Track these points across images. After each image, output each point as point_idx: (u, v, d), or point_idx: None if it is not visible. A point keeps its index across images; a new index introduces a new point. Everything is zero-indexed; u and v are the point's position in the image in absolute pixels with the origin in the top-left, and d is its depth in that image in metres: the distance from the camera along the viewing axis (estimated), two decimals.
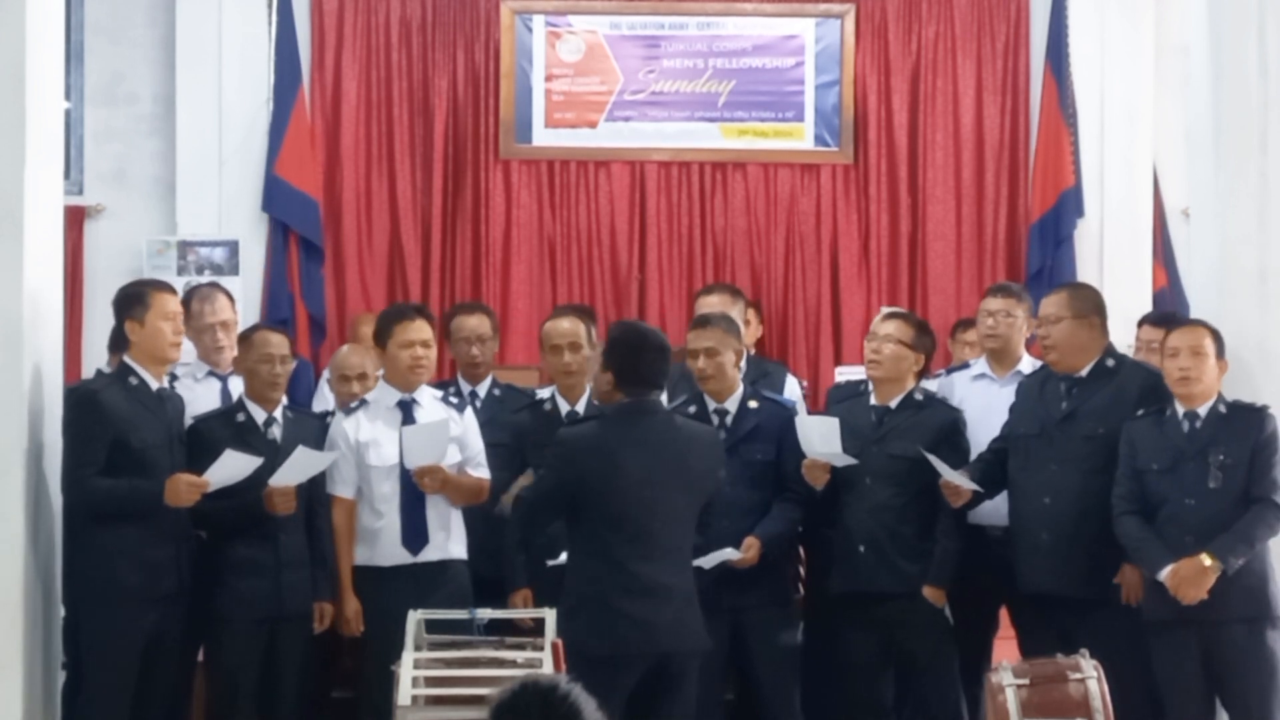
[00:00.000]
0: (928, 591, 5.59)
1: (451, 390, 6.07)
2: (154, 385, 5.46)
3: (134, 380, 5.42)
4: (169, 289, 5.60)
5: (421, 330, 5.75)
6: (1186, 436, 5.28)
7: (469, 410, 5.85)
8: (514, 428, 5.88)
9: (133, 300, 5.49)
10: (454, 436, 5.68)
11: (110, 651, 5.32)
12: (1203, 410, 5.29)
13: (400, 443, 5.61)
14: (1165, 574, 5.18)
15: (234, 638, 5.53)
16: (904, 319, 5.87)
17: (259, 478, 5.45)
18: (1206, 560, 5.12)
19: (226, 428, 5.61)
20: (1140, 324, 6.55)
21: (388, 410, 5.72)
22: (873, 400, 5.78)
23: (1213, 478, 5.20)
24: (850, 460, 5.58)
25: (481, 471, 5.76)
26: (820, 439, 5.56)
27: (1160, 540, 5.23)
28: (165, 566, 5.39)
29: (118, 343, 5.59)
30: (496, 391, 6.28)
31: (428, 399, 5.79)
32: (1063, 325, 5.60)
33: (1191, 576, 5.13)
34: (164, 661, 5.44)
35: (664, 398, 5.36)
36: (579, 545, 5.08)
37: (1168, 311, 7.61)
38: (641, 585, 4.94)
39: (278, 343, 5.72)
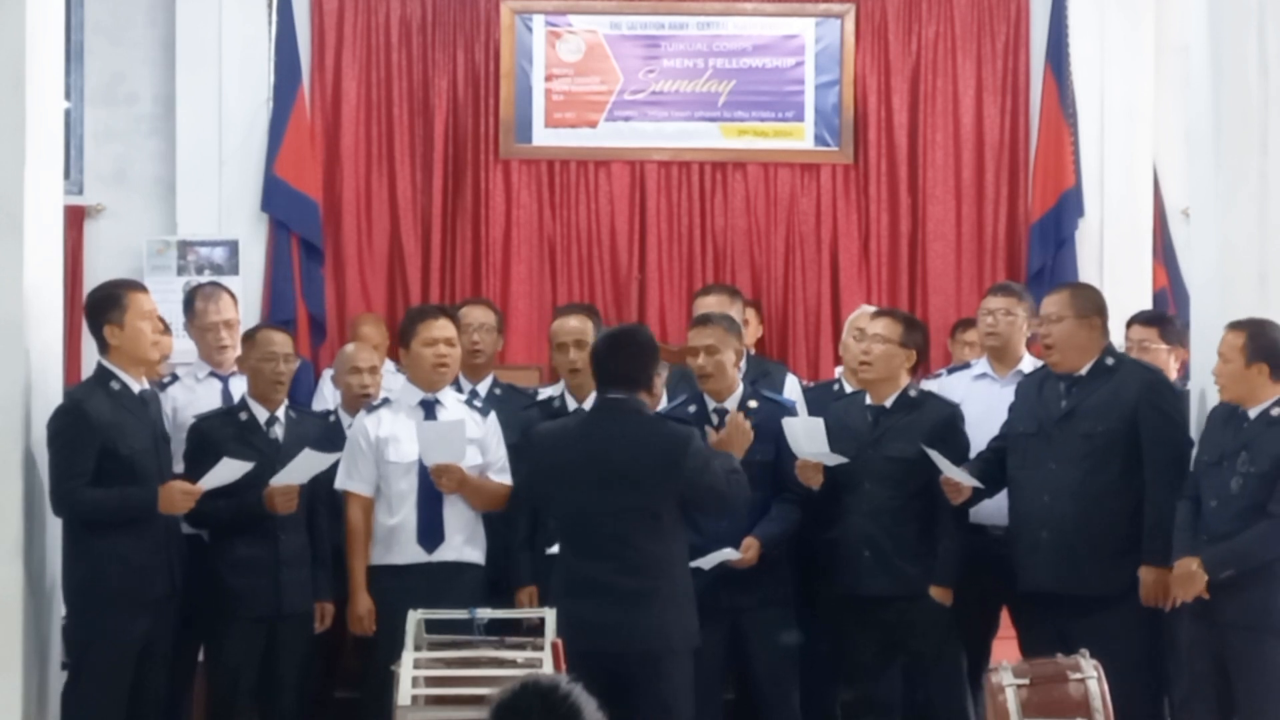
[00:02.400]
0: (935, 592, 5.59)
1: (453, 388, 6.06)
2: (136, 388, 5.41)
3: (115, 385, 5.35)
4: (142, 288, 5.52)
5: (445, 328, 5.75)
6: (1234, 436, 5.24)
7: (493, 415, 5.82)
8: (522, 424, 5.84)
9: (108, 304, 5.39)
10: (475, 439, 5.68)
11: (103, 657, 5.29)
12: (1253, 413, 5.23)
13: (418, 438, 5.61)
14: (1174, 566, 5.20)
15: (233, 636, 5.54)
16: (891, 316, 5.85)
17: (260, 477, 5.45)
18: (1194, 565, 5.12)
19: (229, 427, 5.61)
20: (1130, 324, 6.55)
21: (410, 409, 5.72)
22: (867, 400, 5.78)
23: (1235, 482, 5.18)
24: (840, 459, 5.57)
25: (504, 477, 5.74)
26: (806, 439, 5.56)
27: (1192, 533, 5.22)
28: (156, 570, 5.37)
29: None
30: (497, 391, 6.28)
31: (451, 400, 5.79)
32: (1064, 324, 5.59)
33: (1180, 577, 5.15)
34: (158, 664, 5.42)
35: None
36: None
37: (1158, 311, 7.61)
38: (584, 584, 5.00)
39: (281, 341, 5.73)
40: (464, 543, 5.63)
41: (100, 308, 5.41)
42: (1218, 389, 5.31)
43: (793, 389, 6.55)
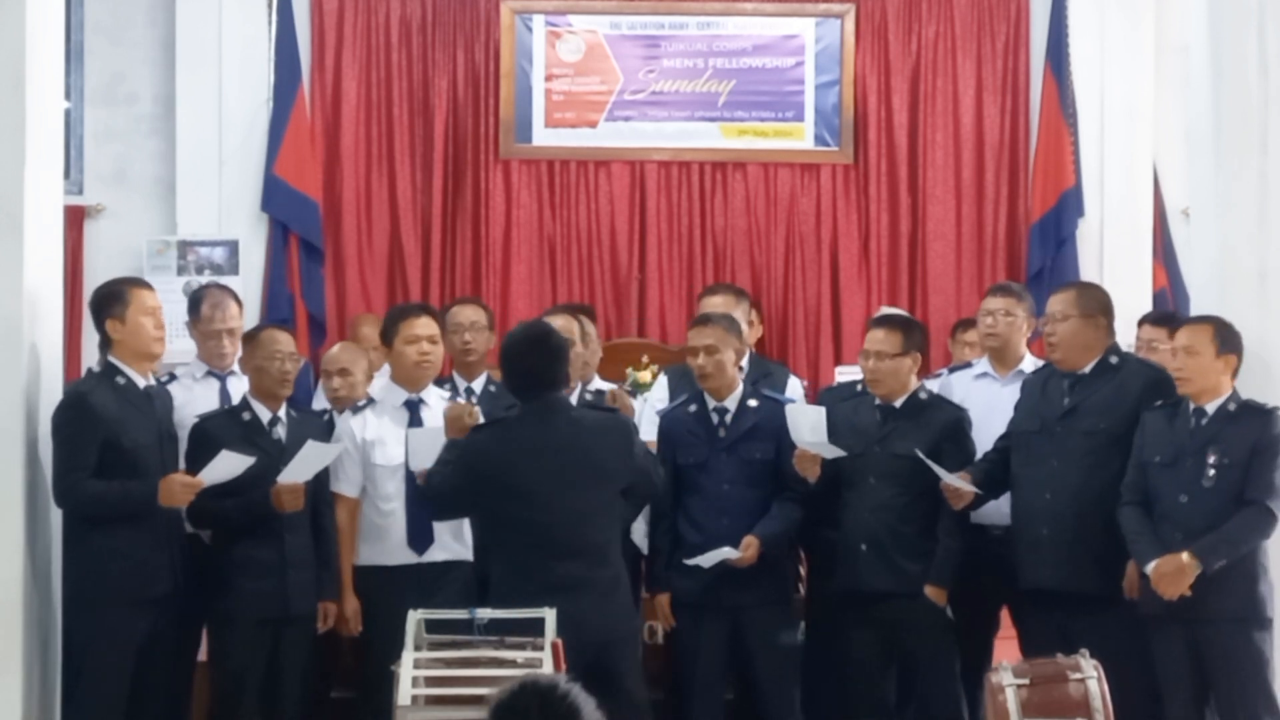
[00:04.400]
0: (929, 591, 5.59)
1: (448, 387, 6.06)
2: (141, 383, 5.42)
3: (121, 380, 5.37)
4: (145, 285, 5.55)
5: (428, 326, 5.76)
6: (1190, 433, 5.27)
7: (476, 409, 5.83)
8: None
9: (111, 299, 5.42)
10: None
11: (103, 655, 5.28)
12: (1210, 407, 5.27)
13: (405, 444, 5.61)
14: (1149, 569, 5.19)
15: (239, 638, 5.51)
16: (887, 327, 5.82)
17: (264, 476, 5.44)
18: (1185, 559, 5.12)
19: (232, 427, 5.60)
20: (1140, 324, 6.56)
21: (394, 409, 5.72)
22: (877, 400, 5.78)
23: (1206, 476, 5.20)
24: (838, 451, 5.58)
25: None
26: (809, 428, 5.57)
27: (1153, 534, 5.24)
28: (158, 568, 5.36)
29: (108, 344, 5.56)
30: (492, 388, 6.26)
31: (435, 399, 5.79)
32: (1069, 323, 5.60)
33: (1170, 574, 5.14)
34: (159, 664, 5.40)
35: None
36: (492, 548, 5.24)
37: (1167, 311, 7.62)
38: (555, 582, 4.99)
39: (285, 341, 5.72)
40: (452, 539, 5.65)
41: (103, 303, 5.45)
42: (1179, 382, 5.30)
43: (795, 390, 6.53)
